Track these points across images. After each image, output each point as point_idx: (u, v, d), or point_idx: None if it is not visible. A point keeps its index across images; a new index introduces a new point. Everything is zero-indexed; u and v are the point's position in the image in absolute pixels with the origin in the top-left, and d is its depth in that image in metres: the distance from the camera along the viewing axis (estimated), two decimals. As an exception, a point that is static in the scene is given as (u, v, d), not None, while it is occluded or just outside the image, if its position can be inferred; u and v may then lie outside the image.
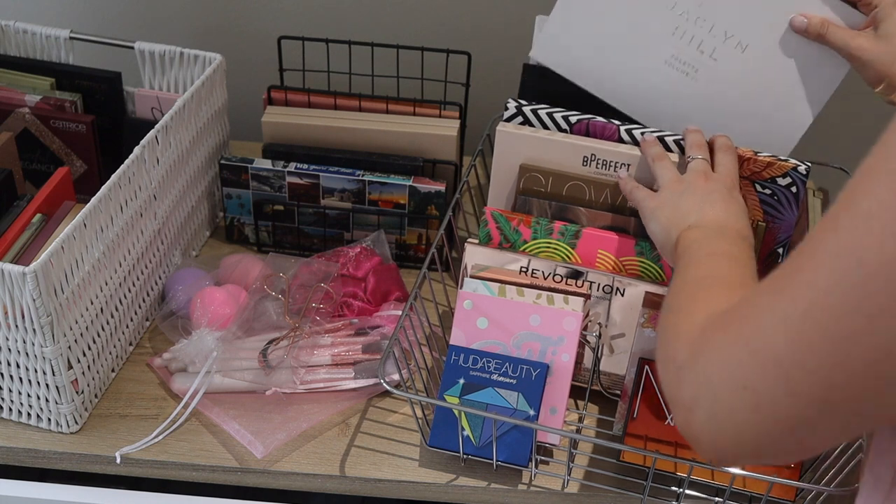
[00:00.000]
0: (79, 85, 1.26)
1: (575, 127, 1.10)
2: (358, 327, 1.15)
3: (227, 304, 1.14)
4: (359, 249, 1.22)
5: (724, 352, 0.58)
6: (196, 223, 1.30)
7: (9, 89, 1.25)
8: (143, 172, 1.10)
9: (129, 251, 1.10)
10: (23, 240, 1.06)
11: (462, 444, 1.00)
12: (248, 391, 1.10)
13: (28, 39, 1.30)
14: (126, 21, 1.50)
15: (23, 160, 1.23)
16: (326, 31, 1.39)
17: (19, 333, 0.97)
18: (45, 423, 1.05)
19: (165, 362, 1.12)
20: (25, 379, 1.01)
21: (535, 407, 1.00)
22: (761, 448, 0.57)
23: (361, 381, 1.10)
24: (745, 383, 0.56)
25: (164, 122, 1.13)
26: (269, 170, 1.24)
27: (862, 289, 0.50)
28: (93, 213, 1.00)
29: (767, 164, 1.05)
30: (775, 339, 0.54)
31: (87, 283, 1.01)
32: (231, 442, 1.05)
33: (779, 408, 0.55)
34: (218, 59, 1.25)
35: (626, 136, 1.08)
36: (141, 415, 1.08)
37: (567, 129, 1.10)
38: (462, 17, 1.47)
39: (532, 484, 1.02)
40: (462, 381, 1.02)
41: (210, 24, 1.49)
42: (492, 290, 1.05)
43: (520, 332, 1.03)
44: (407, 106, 1.28)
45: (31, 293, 0.93)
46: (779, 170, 1.05)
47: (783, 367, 0.54)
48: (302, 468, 1.03)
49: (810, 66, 1.08)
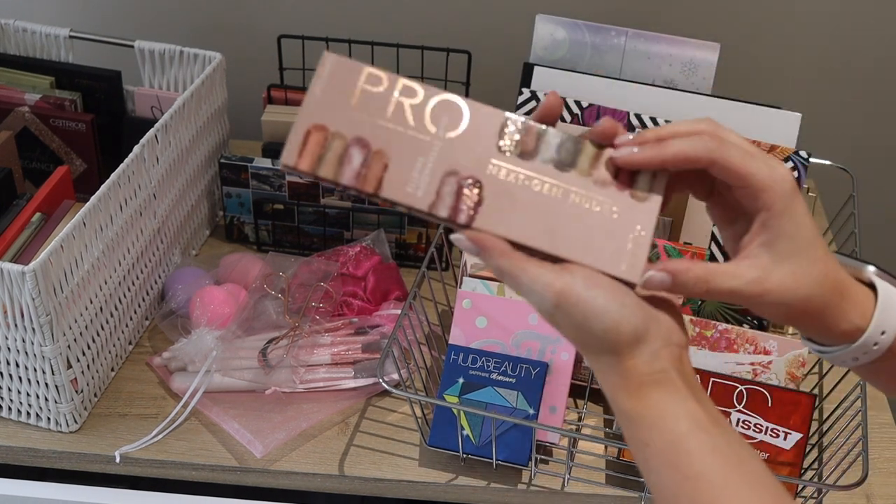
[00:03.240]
0: (78, 84, 1.26)
1: (587, 112, 1.10)
2: (357, 326, 1.14)
3: (227, 303, 1.14)
4: (358, 248, 1.22)
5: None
6: (196, 222, 1.30)
7: (8, 88, 1.25)
8: (142, 171, 1.10)
9: (129, 250, 1.10)
10: (22, 239, 1.06)
11: (462, 444, 1.00)
12: (247, 390, 1.10)
13: (28, 38, 1.30)
14: (126, 19, 1.50)
15: (22, 159, 1.23)
16: (326, 29, 1.39)
17: (19, 332, 0.97)
18: (44, 422, 1.05)
19: (165, 361, 1.12)
20: (25, 378, 1.01)
21: (534, 406, 1.00)
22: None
23: (361, 380, 1.10)
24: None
25: (164, 121, 1.13)
26: (269, 169, 1.24)
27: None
28: (92, 212, 1.00)
29: (770, 149, 1.05)
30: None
31: (86, 282, 1.01)
32: (230, 441, 1.05)
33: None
34: (218, 58, 1.25)
35: (635, 120, 1.09)
36: (140, 414, 1.08)
37: (579, 114, 1.10)
38: (462, 15, 1.47)
39: (532, 483, 1.02)
40: (461, 381, 1.02)
41: (210, 23, 1.49)
42: (491, 289, 1.05)
43: (519, 331, 1.03)
44: (407, 105, 1.28)
45: (31, 292, 0.93)
46: (780, 154, 1.06)
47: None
48: (301, 467, 1.03)
49: None
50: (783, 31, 1.45)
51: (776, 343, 1.03)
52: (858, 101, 1.51)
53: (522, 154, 0.58)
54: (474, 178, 0.58)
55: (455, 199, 0.57)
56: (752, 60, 1.47)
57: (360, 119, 0.57)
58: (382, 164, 0.56)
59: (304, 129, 0.56)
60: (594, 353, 0.60)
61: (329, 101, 0.57)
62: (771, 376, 1.03)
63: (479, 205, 0.58)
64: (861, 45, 1.46)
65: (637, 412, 0.60)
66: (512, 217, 0.58)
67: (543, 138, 0.59)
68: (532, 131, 0.59)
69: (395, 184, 0.56)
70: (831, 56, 1.47)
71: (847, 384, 1.07)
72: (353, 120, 0.57)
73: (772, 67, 1.48)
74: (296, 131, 0.56)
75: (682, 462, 0.59)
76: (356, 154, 0.56)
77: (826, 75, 1.49)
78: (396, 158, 0.57)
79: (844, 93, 1.50)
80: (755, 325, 1.17)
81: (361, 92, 0.57)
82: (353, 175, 0.56)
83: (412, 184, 0.57)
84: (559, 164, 0.59)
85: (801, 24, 1.44)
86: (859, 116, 1.52)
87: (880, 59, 1.47)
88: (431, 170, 0.57)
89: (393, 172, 0.56)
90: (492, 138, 0.58)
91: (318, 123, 0.56)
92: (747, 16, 1.44)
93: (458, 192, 0.57)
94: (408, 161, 0.57)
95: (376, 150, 0.56)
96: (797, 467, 0.98)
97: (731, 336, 1.04)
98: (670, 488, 0.59)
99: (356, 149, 0.56)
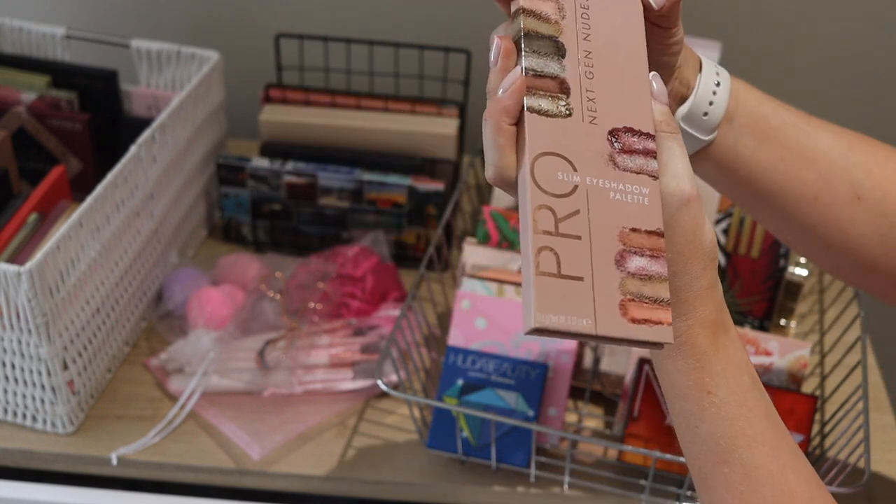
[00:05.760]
0: (75, 83, 1.25)
1: None
2: (356, 327, 1.14)
3: (224, 304, 1.14)
4: (357, 249, 1.21)
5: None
6: (193, 222, 1.29)
7: (4, 87, 1.24)
8: (139, 171, 1.09)
9: (126, 251, 1.09)
10: (18, 239, 1.05)
11: (461, 446, 1.00)
12: (245, 392, 1.09)
13: (24, 37, 1.29)
14: (122, 17, 1.49)
15: (18, 158, 1.22)
16: (324, 28, 1.38)
17: (14, 334, 0.96)
18: (40, 424, 1.04)
19: (162, 363, 1.12)
20: (21, 380, 1.01)
21: (534, 408, 1.00)
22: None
23: (360, 381, 1.10)
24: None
25: (161, 121, 1.12)
26: (267, 169, 1.24)
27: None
28: (89, 213, 0.99)
29: None
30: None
31: (82, 283, 1.01)
32: (228, 443, 1.05)
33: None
34: (215, 58, 1.25)
35: None
36: (137, 416, 1.08)
37: None
38: (461, 14, 1.46)
39: (531, 485, 1.02)
40: (460, 382, 1.01)
41: (207, 22, 1.48)
42: (490, 289, 1.05)
43: (519, 332, 1.03)
44: (406, 104, 1.28)
45: (27, 293, 0.92)
46: None
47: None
48: (299, 470, 1.03)
49: None
50: (784, 31, 1.45)
51: (777, 344, 1.03)
52: (860, 100, 1.51)
53: (562, 92, 0.58)
54: (609, 141, 0.58)
55: (633, 158, 0.57)
56: (754, 59, 1.46)
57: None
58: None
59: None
60: (695, 274, 0.58)
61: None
62: (772, 377, 1.03)
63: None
64: (863, 45, 1.45)
65: (709, 355, 0.58)
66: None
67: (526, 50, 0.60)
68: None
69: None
70: (833, 55, 1.46)
71: (849, 386, 1.06)
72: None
73: (773, 66, 1.48)
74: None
75: (742, 417, 0.58)
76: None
77: (827, 75, 1.48)
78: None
79: (846, 92, 1.50)
80: (756, 326, 1.17)
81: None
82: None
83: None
84: (558, 54, 0.60)
85: (802, 24, 1.44)
86: (861, 116, 1.52)
87: (882, 59, 1.46)
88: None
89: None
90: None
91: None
92: (749, 15, 1.44)
93: (627, 152, 0.58)
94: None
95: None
96: (799, 469, 0.98)
97: (733, 337, 1.03)
98: (723, 443, 0.58)
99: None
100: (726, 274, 1.15)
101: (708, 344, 0.58)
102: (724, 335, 0.59)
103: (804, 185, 0.75)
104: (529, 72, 0.58)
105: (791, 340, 1.04)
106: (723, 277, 1.15)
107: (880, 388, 1.16)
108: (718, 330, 0.58)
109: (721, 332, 0.59)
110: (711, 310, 0.58)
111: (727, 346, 0.59)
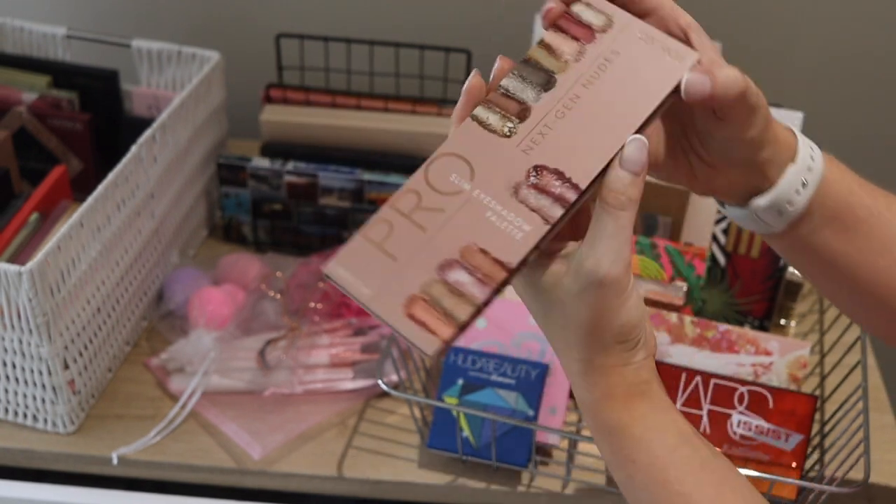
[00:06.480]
0: (76, 83, 1.25)
1: None
2: (356, 327, 1.14)
3: (225, 303, 1.14)
4: (357, 249, 1.21)
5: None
6: (194, 222, 1.29)
7: (5, 87, 1.24)
8: (140, 171, 1.09)
9: (126, 250, 1.10)
10: (19, 239, 1.05)
11: (461, 445, 1.00)
12: (245, 392, 1.09)
13: (24, 37, 1.29)
14: (123, 17, 1.49)
15: (19, 158, 1.22)
16: (325, 28, 1.38)
17: (15, 333, 0.97)
18: (41, 423, 1.04)
19: (163, 362, 1.12)
20: (21, 379, 1.01)
21: (534, 407, 1.00)
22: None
23: (360, 381, 1.10)
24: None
25: (162, 121, 1.12)
26: (268, 169, 1.24)
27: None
28: (89, 212, 0.99)
29: None
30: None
31: (83, 283, 1.01)
32: (229, 443, 1.05)
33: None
34: (216, 58, 1.25)
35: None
36: (138, 415, 1.08)
37: None
38: (461, 14, 1.46)
39: (532, 485, 1.02)
40: (461, 382, 1.01)
41: (208, 22, 1.48)
42: (491, 289, 1.04)
43: (519, 332, 1.03)
44: (406, 104, 1.28)
45: (27, 293, 0.92)
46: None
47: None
48: (300, 469, 1.03)
49: None
50: (784, 30, 1.45)
51: (777, 344, 1.03)
52: (860, 100, 1.51)
53: (518, 116, 0.58)
54: (527, 172, 0.57)
55: (540, 196, 0.56)
56: (754, 59, 1.46)
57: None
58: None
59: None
60: (595, 351, 0.57)
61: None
62: (772, 377, 1.03)
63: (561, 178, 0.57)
64: (863, 44, 1.45)
65: (624, 425, 0.58)
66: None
67: (510, 93, 0.59)
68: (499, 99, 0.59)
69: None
70: (833, 55, 1.46)
71: (849, 385, 1.06)
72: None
73: (773, 66, 1.48)
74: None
75: (672, 478, 0.58)
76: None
77: (828, 74, 1.48)
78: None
79: (846, 92, 1.50)
80: (756, 326, 1.17)
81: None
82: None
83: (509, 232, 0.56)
84: (542, 87, 0.59)
85: (802, 23, 1.44)
86: (861, 115, 1.52)
87: (882, 58, 1.46)
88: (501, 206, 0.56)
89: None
90: (495, 146, 0.58)
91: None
92: (748, 15, 1.44)
93: (538, 189, 0.56)
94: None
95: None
96: (799, 469, 0.98)
97: (733, 337, 1.03)
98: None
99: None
100: (726, 273, 1.15)
101: (620, 416, 0.58)
102: (642, 402, 0.58)
103: (878, 272, 0.71)
104: (501, 89, 0.60)
105: (791, 340, 1.04)
106: (723, 277, 1.15)
107: (880, 388, 1.16)
108: (633, 400, 0.58)
109: (637, 400, 0.58)
110: (620, 383, 0.58)
111: (646, 413, 0.58)
